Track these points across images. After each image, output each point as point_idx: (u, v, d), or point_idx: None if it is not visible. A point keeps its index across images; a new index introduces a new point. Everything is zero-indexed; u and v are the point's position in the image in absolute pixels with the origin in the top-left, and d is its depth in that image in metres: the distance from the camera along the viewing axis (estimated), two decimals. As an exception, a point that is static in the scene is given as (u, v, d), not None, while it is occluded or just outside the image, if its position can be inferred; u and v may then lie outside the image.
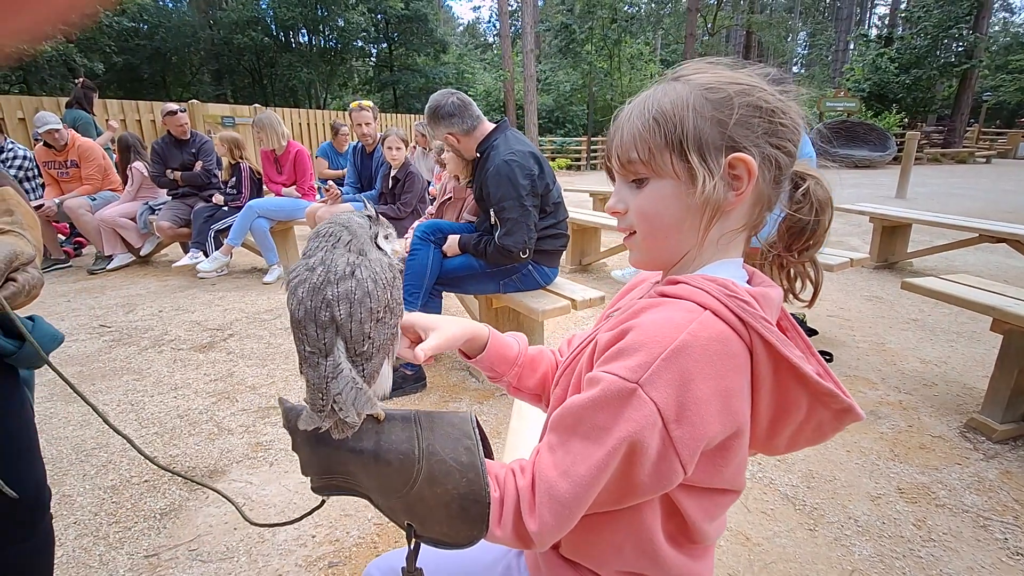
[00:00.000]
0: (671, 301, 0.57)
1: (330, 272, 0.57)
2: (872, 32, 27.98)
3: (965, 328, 3.25)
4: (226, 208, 4.52)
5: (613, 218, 0.65)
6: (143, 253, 4.90)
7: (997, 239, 3.76)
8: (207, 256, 4.43)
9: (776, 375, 0.54)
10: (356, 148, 4.38)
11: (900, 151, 11.44)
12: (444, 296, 2.68)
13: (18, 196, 0.96)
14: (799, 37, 42.32)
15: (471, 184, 2.58)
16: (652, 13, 23.79)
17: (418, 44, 23.25)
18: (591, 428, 0.53)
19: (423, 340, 0.73)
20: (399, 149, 3.61)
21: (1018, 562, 1.51)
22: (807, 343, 0.61)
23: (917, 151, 11.63)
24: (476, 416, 0.63)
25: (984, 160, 19.06)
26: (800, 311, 0.70)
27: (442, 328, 0.74)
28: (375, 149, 4.20)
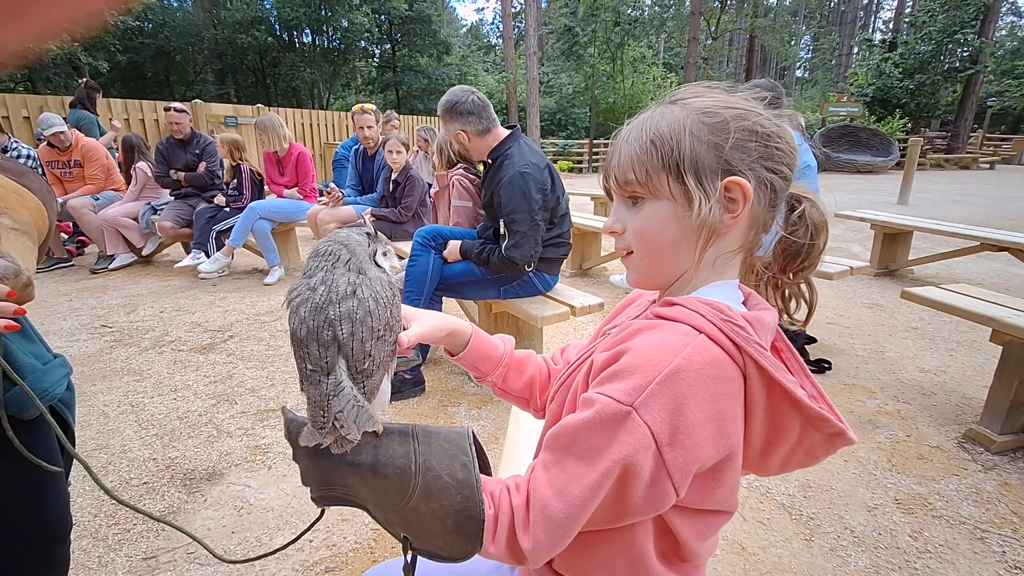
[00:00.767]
0: (667, 324, 0.58)
1: (332, 292, 0.58)
2: (876, 37, 27.98)
3: (965, 337, 3.25)
4: (228, 209, 4.54)
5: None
6: (145, 253, 4.91)
7: (999, 248, 3.76)
8: (209, 257, 4.45)
9: (769, 399, 0.55)
10: (358, 150, 4.39)
11: (903, 156, 11.44)
12: (444, 301, 2.68)
13: (9, 187, 0.90)
14: (803, 41, 42.32)
15: (477, 179, 2.59)
16: (655, 16, 23.79)
17: (421, 45, 23.27)
18: (585, 449, 0.54)
19: (406, 330, 0.74)
20: (400, 153, 3.62)
21: (1015, 575, 1.51)
22: (801, 364, 0.62)
23: (920, 156, 11.63)
24: (473, 431, 0.63)
25: (988, 166, 19.04)
26: (793, 326, 0.70)
27: (423, 318, 0.76)
28: (377, 152, 4.22)
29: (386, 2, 21.16)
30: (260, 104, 10.56)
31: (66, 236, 5.23)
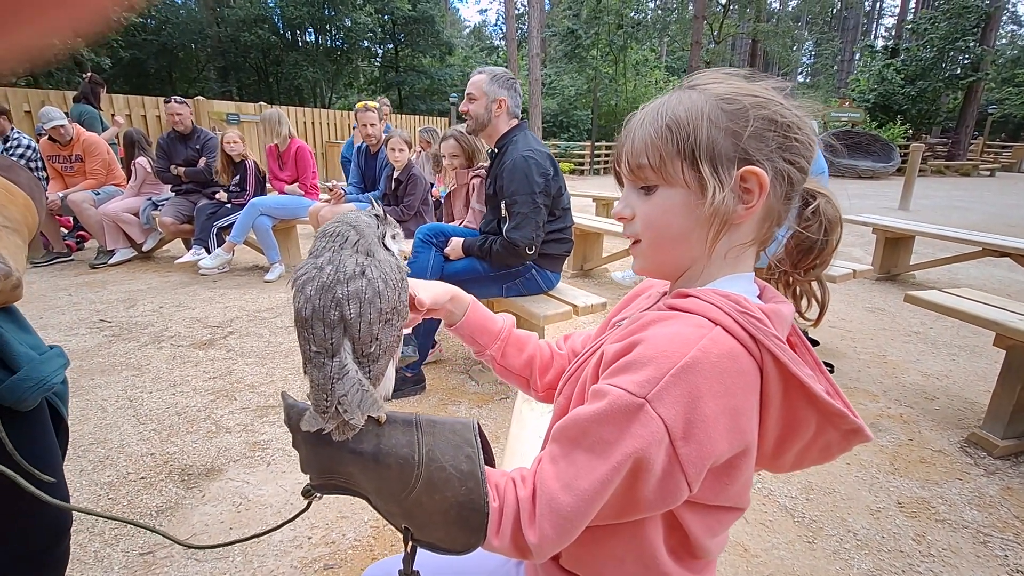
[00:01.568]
0: (681, 315, 0.56)
1: (339, 271, 0.56)
2: (878, 43, 27.99)
3: (967, 342, 3.24)
4: (229, 205, 4.52)
5: (617, 224, 0.65)
6: (145, 249, 4.90)
7: (1000, 253, 3.75)
8: (209, 253, 4.43)
9: (786, 394, 0.54)
10: (360, 148, 4.38)
11: (904, 163, 11.44)
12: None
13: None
14: (805, 47, 42.38)
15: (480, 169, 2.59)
16: (658, 20, 23.80)
17: (424, 45, 23.29)
18: (596, 441, 0.53)
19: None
20: (402, 151, 3.61)
21: (1018, 580, 1.50)
22: (816, 360, 0.60)
23: (921, 163, 11.63)
24: (479, 422, 0.62)
25: (988, 173, 19.05)
26: (803, 327, 0.69)
27: (426, 286, 0.77)
28: (379, 150, 4.21)
29: (389, 2, 21.20)
30: (262, 102, 10.56)
31: (66, 231, 5.21)
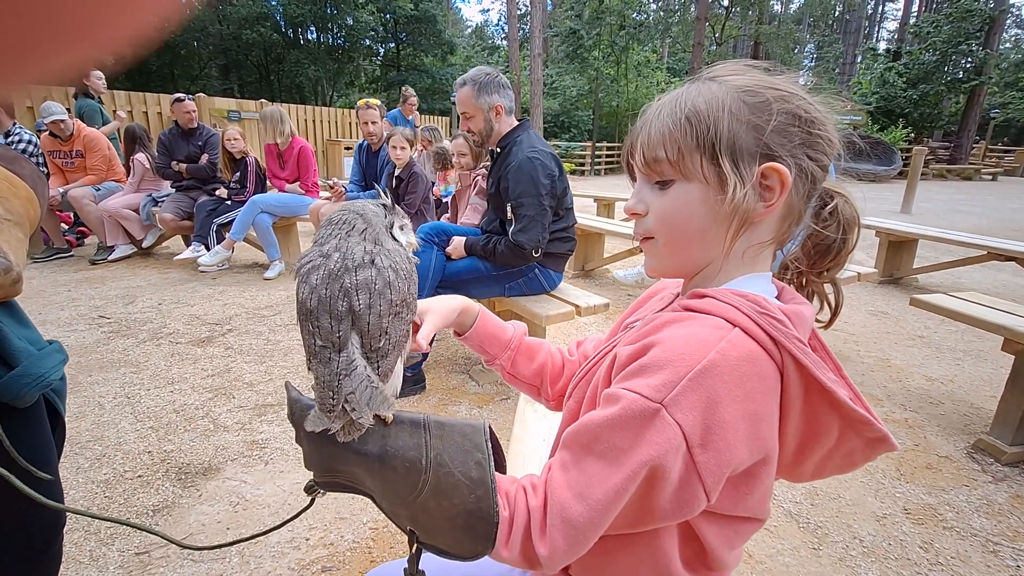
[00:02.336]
0: (698, 316, 0.54)
1: (347, 259, 0.53)
2: (880, 46, 28.02)
3: (972, 346, 3.22)
4: (229, 202, 4.50)
5: (619, 224, 0.63)
6: (145, 245, 4.87)
7: (1006, 257, 3.73)
8: (209, 250, 4.41)
9: (807, 399, 0.51)
10: (361, 146, 4.36)
11: (905, 166, 11.43)
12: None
13: (1, 175, 0.87)
14: (807, 49, 42.38)
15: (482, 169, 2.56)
16: (660, 21, 23.81)
17: (426, 45, 23.29)
18: (608, 448, 0.50)
19: (419, 326, 0.71)
20: (403, 149, 3.59)
21: (1028, 589, 1.47)
22: (837, 364, 0.58)
23: (923, 166, 11.61)
24: (490, 425, 0.59)
25: (990, 177, 19.04)
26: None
27: (434, 308, 0.73)
28: (381, 148, 4.18)
29: (391, 1, 21.19)
30: (264, 100, 10.54)
31: (66, 226, 5.19)
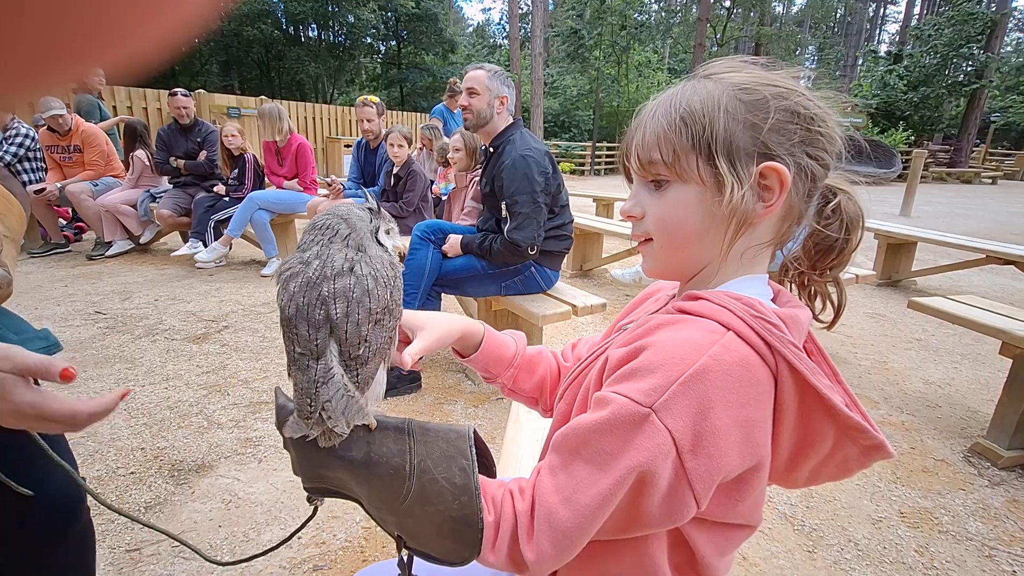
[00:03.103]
0: (691, 319, 0.53)
1: (327, 267, 0.53)
2: (881, 49, 28.02)
3: (970, 350, 3.22)
4: (227, 199, 4.49)
5: (617, 224, 0.62)
6: (142, 241, 4.86)
7: (1005, 261, 3.72)
8: (206, 246, 4.40)
9: (801, 405, 0.51)
10: (360, 143, 4.35)
11: (905, 169, 11.43)
12: (443, 299, 2.64)
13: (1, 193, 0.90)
14: (808, 51, 42.36)
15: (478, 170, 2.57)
16: (662, 21, 23.81)
17: (427, 43, 23.27)
18: (597, 453, 0.49)
19: (411, 340, 0.69)
20: (401, 147, 3.58)
21: (1023, 594, 1.47)
22: (833, 369, 0.57)
23: (923, 169, 11.60)
24: (475, 431, 0.58)
25: (990, 181, 19.05)
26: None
27: (430, 327, 0.70)
28: (379, 145, 4.17)
29: (393, -1, 21.17)
30: (264, 96, 10.52)
31: (64, 222, 5.17)
